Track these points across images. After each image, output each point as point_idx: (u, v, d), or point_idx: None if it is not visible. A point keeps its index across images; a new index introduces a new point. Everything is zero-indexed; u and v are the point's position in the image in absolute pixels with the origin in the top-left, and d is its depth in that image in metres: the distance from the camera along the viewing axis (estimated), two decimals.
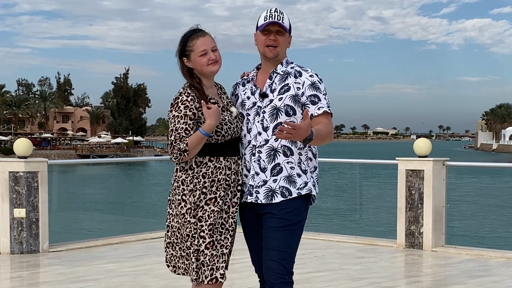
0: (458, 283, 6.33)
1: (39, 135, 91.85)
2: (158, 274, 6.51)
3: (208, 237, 3.60)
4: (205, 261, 3.60)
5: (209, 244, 3.60)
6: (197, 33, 3.68)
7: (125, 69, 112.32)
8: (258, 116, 3.67)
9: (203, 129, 3.53)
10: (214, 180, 3.60)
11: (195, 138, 3.53)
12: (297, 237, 3.67)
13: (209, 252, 3.60)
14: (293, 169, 3.64)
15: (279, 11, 3.67)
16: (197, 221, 3.59)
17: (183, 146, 3.51)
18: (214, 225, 3.61)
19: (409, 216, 8.03)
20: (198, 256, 3.60)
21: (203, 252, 3.60)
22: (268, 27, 3.64)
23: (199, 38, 3.65)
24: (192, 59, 3.66)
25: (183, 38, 3.69)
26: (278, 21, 3.62)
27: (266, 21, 3.63)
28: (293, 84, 3.64)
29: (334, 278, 6.47)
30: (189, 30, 3.72)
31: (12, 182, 7.53)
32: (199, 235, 3.59)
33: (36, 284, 6.44)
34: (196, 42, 3.64)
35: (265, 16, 3.65)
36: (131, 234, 8.93)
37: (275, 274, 3.57)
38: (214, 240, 3.61)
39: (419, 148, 8.10)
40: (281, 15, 3.65)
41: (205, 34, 3.69)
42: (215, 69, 3.70)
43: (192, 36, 3.67)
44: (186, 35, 3.69)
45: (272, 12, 3.65)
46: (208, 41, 3.67)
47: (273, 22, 3.62)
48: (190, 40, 3.66)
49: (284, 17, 3.66)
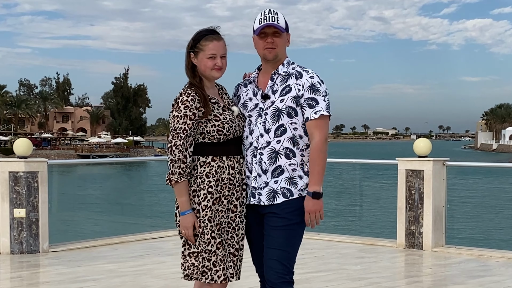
0: (458, 283, 6.33)
1: (39, 135, 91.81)
2: (158, 274, 6.51)
3: (218, 237, 3.60)
4: (217, 261, 3.60)
5: (219, 244, 3.60)
6: (213, 35, 3.67)
7: (125, 69, 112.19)
8: (260, 118, 3.67)
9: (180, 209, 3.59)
10: (218, 180, 3.60)
11: (178, 192, 3.56)
12: (298, 237, 3.67)
13: (220, 252, 3.60)
14: (295, 171, 3.63)
15: (273, 11, 3.65)
16: (207, 222, 3.59)
17: (174, 177, 3.53)
18: (221, 225, 3.62)
19: (409, 216, 8.03)
20: (209, 256, 3.60)
21: (215, 252, 3.60)
22: (264, 30, 3.63)
23: (213, 41, 3.64)
24: (199, 58, 3.66)
25: (198, 35, 3.68)
26: (273, 23, 3.61)
27: (261, 25, 3.62)
28: (295, 86, 3.63)
29: (334, 278, 6.47)
30: (206, 29, 3.70)
31: (12, 182, 7.53)
32: (210, 236, 3.59)
33: (36, 284, 6.44)
34: (209, 44, 3.64)
35: (259, 19, 3.63)
36: (131, 234, 8.92)
37: (276, 273, 3.57)
38: (223, 239, 3.62)
39: (419, 148, 8.10)
40: (276, 15, 3.63)
41: (220, 39, 3.68)
42: (217, 76, 3.71)
43: (207, 36, 3.65)
44: (202, 33, 3.67)
45: (266, 14, 3.63)
46: (221, 47, 3.67)
47: (268, 25, 3.61)
48: (204, 39, 3.65)
49: (279, 17, 3.64)
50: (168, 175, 3.55)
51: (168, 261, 7.17)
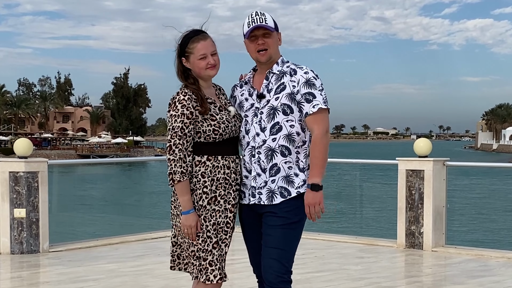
0: (458, 283, 6.33)
1: (39, 135, 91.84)
2: (158, 274, 6.51)
3: (214, 237, 3.61)
4: (213, 261, 3.61)
5: (216, 243, 3.61)
6: (198, 35, 3.67)
7: (125, 69, 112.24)
8: (256, 117, 3.68)
9: (183, 208, 3.58)
10: (213, 179, 3.61)
11: (180, 191, 3.55)
12: (297, 236, 3.67)
13: (216, 251, 3.61)
14: (291, 169, 3.64)
15: (260, 13, 3.65)
16: (202, 221, 3.60)
17: (177, 177, 3.53)
18: (219, 224, 3.62)
19: (409, 216, 8.03)
20: (206, 256, 3.60)
21: (211, 252, 3.60)
22: (253, 32, 3.63)
23: (200, 42, 3.65)
24: (191, 61, 3.67)
25: (183, 39, 3.68)
26: (261, 24, 3.61)
27: (250, 27, 3.62)
28: (289, 83, 3.63)
29: (334, 278, 6.47)
30: (191, 31, 3.70)
31: (12, 182, 7.53)
32: (206, 235, 3.59)
33: (36, 284, 6.44)
34: (196, 46, 3.64)
35: (248, 23, 3.63)
36: (131, 234, 8.93)
37: (274, 272, 3.57)
38: (219, 239, 3.63)
39: (419, 148, 8.10)
40: (263, 16, 3.63)
41: (206, 38, 3.68)
42: (213, 74, 3.71)
43: (193, 38, 3.66)
44: (188, 36, 3.68)
45: (253, 17, 3.63)
46: (208, 45, 3.67)
47: (257, 27, 3.61)
48: (191, 42, 3.65)
49: (267, 17, 3.64)
50: (170, 174, 3.56)
51: (168, 261, 7.14)
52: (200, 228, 3.58)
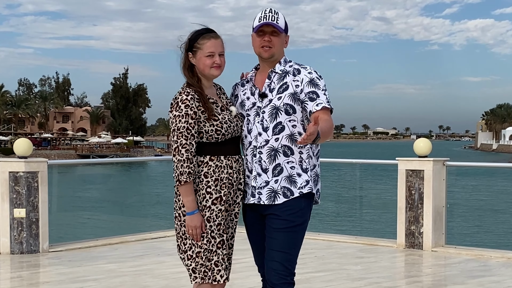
0: (458, 283, 6.32)
1: (39, 135, 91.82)
2: (158, 274, 6.51)
3: (218, 237, 3.60)
4: (218, 261, 3.60)
5: (220, 243, 3.60)
6: (210, 33, 3.67)
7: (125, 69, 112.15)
8: (258, 117, 3.67)
9: (186, 209, 3.57)
10: (217, 179, 3.60)
11: (185, 192, 3.54)
12: (300, 238, 3.66)
13: (221, 251, 3.60)
14: (294, 169, 3.63)
15: (274, 11, 3.64)
16: (206, 222, 3.59)
17: (184, 178, 3.51)
18: (223, 225, 3.62)
19: (409, 216, 8.03)
20: (211, 256, 3.59)
21: (216, 252, 3.60)
22: (262, 28, 3.63)
23: (211, 39, 3.64)
24: (198, 57, 3.66)
25: (194, 34, 3.67)
26: (271, 22, 3.60)
27: (260, 23, 3.61)
28: (292, 82, 3.63)
29: (334, 278, 6.47)
30: (204, 28, 3.70)
31: (12, 182, 7.53)
32: (210, 236, 3.59)
33: (36, 284, 6.44)
34: (206, 42, 3.64)
35: (259, 17, 3.63)
36: (131, 234, 8.92)
37: (277, 274, 3.57)
38: (224, 239, 3.62)
39: (419, 148, 8.10)
40: (276, 15, 3.63)
41: (218, 37, 3.68)
42: (216, 74, 3.70)
43: (205, 34, 3.66)
44: (199, 32, 3.67)
45: (266, 13, 3.63)
46: (218, 44, 3.66)
47: (267, 23, 3.61)
48: (201, 38, 3.65)
49: (279, 17, 3.64)
50: (176, 176, 3.54)
51: (168, 261, 7.17)
52: (204, 228, 3.57)
